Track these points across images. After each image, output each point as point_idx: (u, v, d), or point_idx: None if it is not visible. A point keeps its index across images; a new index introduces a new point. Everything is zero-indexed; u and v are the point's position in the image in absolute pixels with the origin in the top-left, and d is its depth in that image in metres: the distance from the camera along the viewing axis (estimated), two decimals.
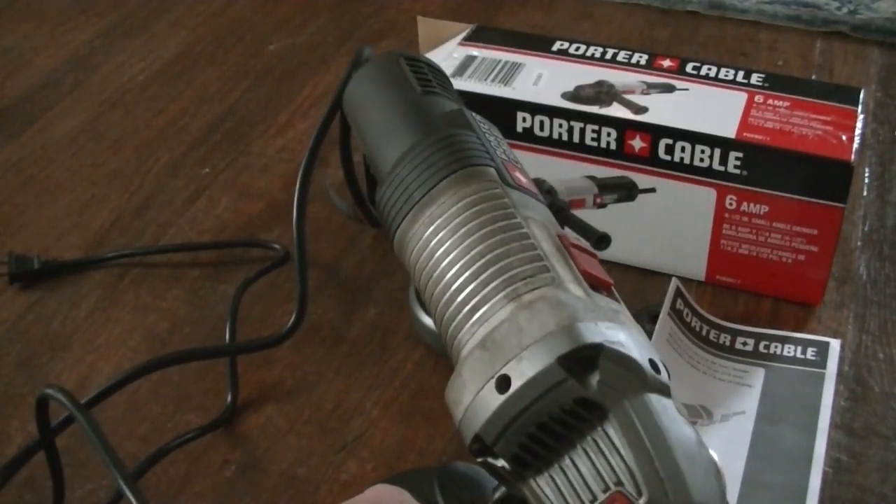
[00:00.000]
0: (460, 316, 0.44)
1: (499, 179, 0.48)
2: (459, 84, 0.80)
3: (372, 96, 0.56)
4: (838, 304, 0.79)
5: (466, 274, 0.44)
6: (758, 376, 0.72)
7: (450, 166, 0.49)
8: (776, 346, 0.74)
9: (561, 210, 0.81)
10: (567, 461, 0.39)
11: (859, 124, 0.75)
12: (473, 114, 0.55)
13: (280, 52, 1.12)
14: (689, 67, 0.82)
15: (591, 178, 0.79)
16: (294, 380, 0.73)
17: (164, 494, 0.65)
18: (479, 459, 0.41)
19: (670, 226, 0.79)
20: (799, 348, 0.74)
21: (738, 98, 0.78)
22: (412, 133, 0.52)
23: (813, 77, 1.05)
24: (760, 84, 0.80)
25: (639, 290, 0.80)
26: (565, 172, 0.79)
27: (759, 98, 0.78)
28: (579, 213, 0.81)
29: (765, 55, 1.09)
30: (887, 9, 1.14)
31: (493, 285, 0.43)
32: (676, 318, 0.74)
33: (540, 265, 0.43)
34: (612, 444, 0.38)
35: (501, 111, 0.79)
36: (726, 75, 0.81)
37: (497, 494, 0.44)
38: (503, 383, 0.40)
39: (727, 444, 0.67)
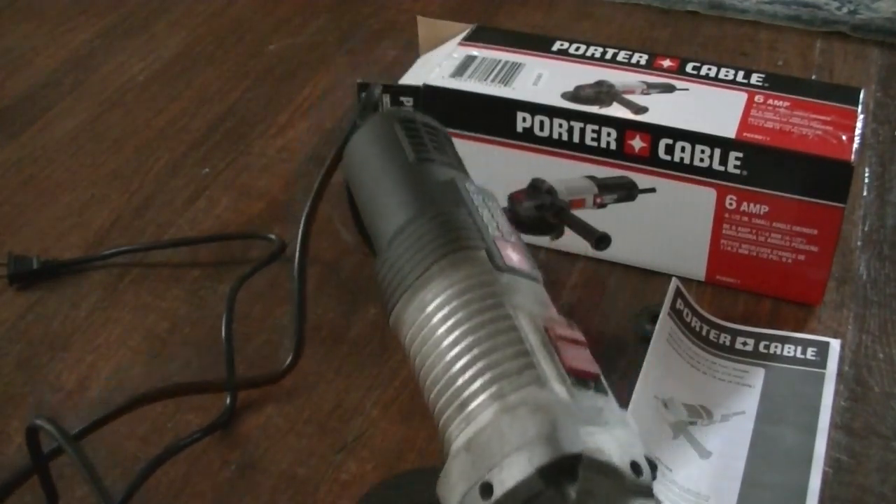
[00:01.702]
0: (450, 410, 0.45)
1: (489, 263, 0.49)
2: (459, 84, 0.80)
3: (367, 163, 0.57)
4: (838, 304, 0.79)
5: (454, 369, 0.45)
6: (758, 376, 0.72)
7: (439, 249, 0.49)
8: (776, 346, 0.74)
9: (561, 210, 0.81)
10: None
11: (859, 124, 0.75)
12: (469, 181, 0.55)
13: (280, 52, 1.12)
14: (689, 67, 0.82)
15: (591, 178, 0.79)
16: (294, 380, 0.73)
17: (164, 494, 0.65)
18: None
19: (670, 226, 0.79)
20: (799, 348, 0.74)
21: (738, 98, 0.78)
22: (404, 210, 0.52)
23: (813, 77, 1.05)
24: (760, 84, 0.80)
25: (639, 290, 0.80)
26: (565, 172, 0.79)
27: (759, 98, 0.78)
28: (579, 213, 0.81)
29: (765, 55, 1.09)
30: (887, 9, 1.14)
31: (479, 383, 0.44)
32: (676, 318, 0.74)
33: (525, 361, 0.44)
34: None
35: (501, 111, 0.79)
36: (726, 75, 0.81)
37: None
38: (486, 491, 0.41)
39: (727, 444, 0.67)
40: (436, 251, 0.49)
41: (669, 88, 0.80)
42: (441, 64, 0.82)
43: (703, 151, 0.75)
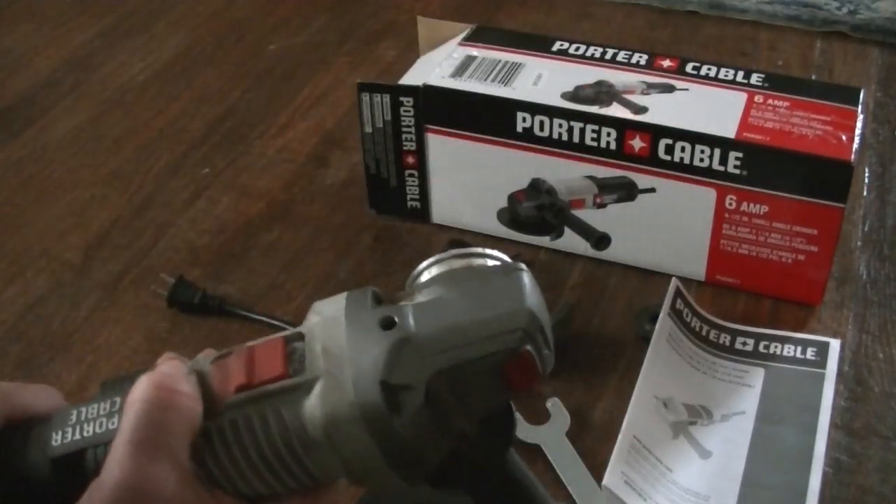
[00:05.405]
0: None
1: None
2: (459, 84, 0.80)
3: None
4: (838, 304, 0.78)
5: None
6: (758, 376, 0.72)
7: None
8: (776, 346, 0.74)
9: (561, 210, 0.81)
10: None
11: (859, 124, 0.75)
12: None
13: (280, 52, 1.12)
14: (689, 67, 0.82)
15: (591, 178, 0.79)
16: None
17: None
18: None
19: (670, 226, 0.79)
20: (799, 348, 0.74)
21: (738, 98, 0.78)
22: None
23: (813, 77, 1.05)
24: (760, 84, 0.80)
25: (639, 290, 0.80)
26: (565, 172, 0.79)
27: (758, 98, 0.78)
28: (579, 213, 0.81)
29: (765, 55, 1.09)
30: (887, 9, 1.14)
31: None
32: (676, 318, 0.74)
33: None
34: None
35: (501, 111, 0.79)
36: (726, 75, 0.81)
37: None
38: None
39: (727, 444, 0.67)
40: None
41: (669, 88, 0.80)
42: (441, 64, 0.82)
43: (702, 151, 0.75)
